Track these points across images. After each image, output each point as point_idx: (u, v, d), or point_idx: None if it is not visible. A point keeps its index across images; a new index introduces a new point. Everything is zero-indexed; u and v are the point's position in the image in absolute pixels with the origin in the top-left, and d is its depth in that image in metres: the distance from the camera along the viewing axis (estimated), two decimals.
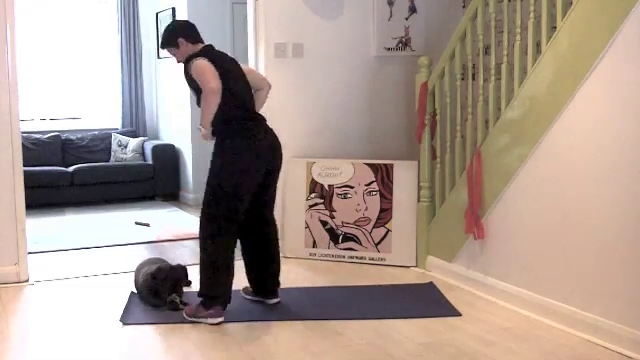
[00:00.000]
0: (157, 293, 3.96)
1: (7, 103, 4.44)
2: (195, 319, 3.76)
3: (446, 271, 4.57)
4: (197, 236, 3.84)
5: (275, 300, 4.04)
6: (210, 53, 3.83)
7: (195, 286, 3.95)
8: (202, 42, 3.92)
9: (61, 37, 8.25)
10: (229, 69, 3.83)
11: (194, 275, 4.42)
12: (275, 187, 4.00)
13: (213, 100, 3.65)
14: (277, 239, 4.06)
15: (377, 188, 5.00)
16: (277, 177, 3.98)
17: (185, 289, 4.14)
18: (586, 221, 3.48)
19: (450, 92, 4.60)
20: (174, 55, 3.93)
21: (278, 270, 4.06)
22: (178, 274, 4.05)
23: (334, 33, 5.38)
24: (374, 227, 4.99)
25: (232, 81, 3.78)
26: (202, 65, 3.70)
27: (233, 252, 3.79)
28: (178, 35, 3.88)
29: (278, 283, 4.07)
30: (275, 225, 4.06)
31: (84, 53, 8.37)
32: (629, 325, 3.24)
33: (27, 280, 4.56)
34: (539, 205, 3.78)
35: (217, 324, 3.72)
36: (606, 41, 3.31)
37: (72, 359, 3.35)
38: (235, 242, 3.83)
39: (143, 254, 5.01)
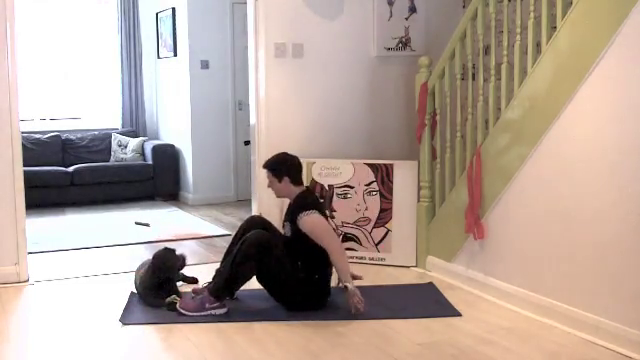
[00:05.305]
0: (168, 281, 3.99)
1: (7, 103, 4.44)
2: (202, 313, 3.80)
3: (446, 271, 4.57)
4: (197, 236, 3.85)
5: None
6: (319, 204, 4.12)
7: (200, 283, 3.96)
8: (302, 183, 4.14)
9: (61, 37, 8.24)
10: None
11: (194, 274, 4.47)
12: None
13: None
14: None
15: (377, 188, 5.00)
16: None
17: (185, 289, 4.14)
18: (586, 221, 3.48)
19: (450, 92, 4.60)
20: (271, 183, 4.11)
21: None
22: (173, 258, 4.10)
23: (334, 33, 5.38)
24: (374, 227, 4.99)
25: None
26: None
27: None
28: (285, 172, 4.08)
29: None
30: None
31: (84, 53, 8.36)
32: (629, 325, 3.24)
33: (27, 280, 4.56)
34: (539, 205, 3.78)
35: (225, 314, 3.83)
36: (606, 41, 3.31)
37: (72, 359, 3.35)
38: None
39: (143, 254, 4.99)
